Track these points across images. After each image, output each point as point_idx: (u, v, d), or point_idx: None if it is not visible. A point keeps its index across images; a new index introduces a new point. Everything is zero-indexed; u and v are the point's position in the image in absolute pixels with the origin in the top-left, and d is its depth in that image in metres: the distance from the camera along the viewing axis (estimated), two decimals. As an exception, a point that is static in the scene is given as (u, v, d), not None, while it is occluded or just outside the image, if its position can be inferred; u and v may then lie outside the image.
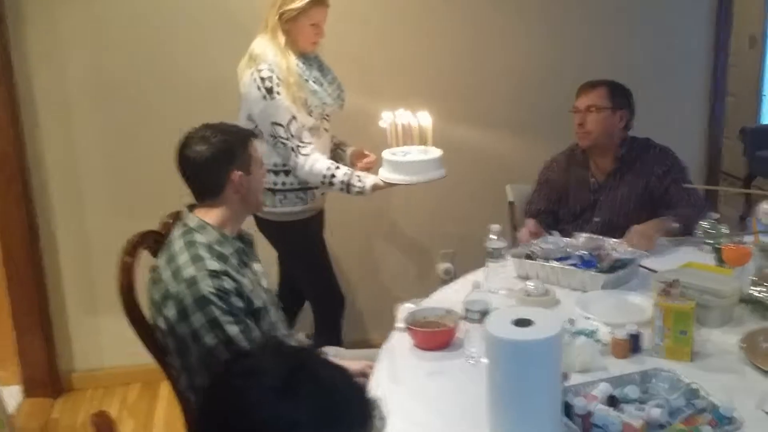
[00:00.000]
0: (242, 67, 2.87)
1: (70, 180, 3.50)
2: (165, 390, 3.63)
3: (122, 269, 2.10)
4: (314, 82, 2.89)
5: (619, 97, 3.00)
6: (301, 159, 2.80)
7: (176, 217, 2.29)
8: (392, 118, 2.79)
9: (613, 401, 1.70)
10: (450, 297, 2.36)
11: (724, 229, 2.41)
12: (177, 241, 2.03)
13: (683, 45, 3.91)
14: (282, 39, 2.80)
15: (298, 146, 2.80)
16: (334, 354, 2.37)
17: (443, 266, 3.87)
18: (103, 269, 3.50)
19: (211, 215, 2.06)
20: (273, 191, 2.90)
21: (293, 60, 2.82)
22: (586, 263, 2.47)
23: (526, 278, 2.50)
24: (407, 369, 2.01)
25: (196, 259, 1.96)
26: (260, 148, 2.15)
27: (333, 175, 2.81)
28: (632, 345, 2.03)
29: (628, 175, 2.98)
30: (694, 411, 1.67)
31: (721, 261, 2.47)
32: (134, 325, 2.09)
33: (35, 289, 3.49)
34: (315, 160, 2.82)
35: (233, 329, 1.91)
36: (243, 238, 2.13)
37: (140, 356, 3.52)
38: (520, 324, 1.56)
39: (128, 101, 3.45)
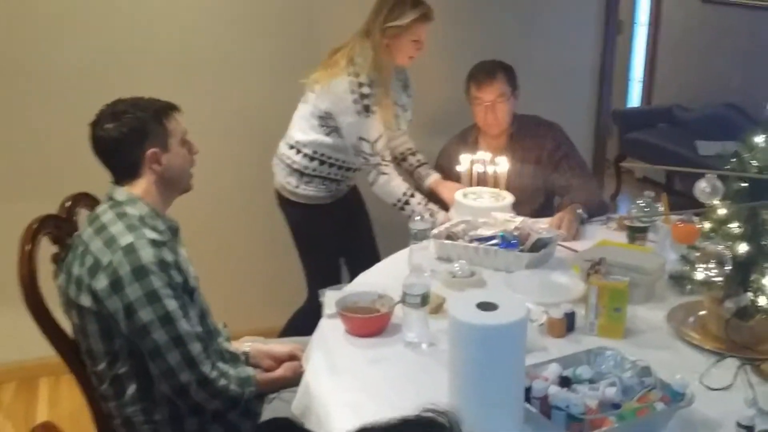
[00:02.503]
0: (338, 66, 2.78)
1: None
2: (45, 389, 3.37)
3: (22, 258, 1.88)
4: (400, 106, 2.96)
5: (513, 78, 3.04)
6: (382, 178, 2.85)
7: (76, 199, 2.11)
8: (470, 160, 2.83)
9: (565, 382, 1.67)
10: (376, 281, 2.27)
11: (660, 208, 2.45)
12: (106, 213, 1.85)
13: (574, 27, 3.98)
14: (384, 58, 2.77)
15: (380, 164, 2.84)
16: (252, 341, 2.25)
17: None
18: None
19: (137, 191, 1.90)
20: (301, 173, 2.90)
21: (392, 82, 2.86)
22: (508, 243, 2.45)
23: (448, 260, 2.46)
24: (344, 358, 1.91)
25: (133, 228, 1.80)
26: (181, 121, 1.97)
27: (407, 202, 2.87)
28: (567, 324, 2.02)
29: (519, 152, 3.01)
30: (645, 388, 1.67)
31: (634, 238, 2.53)
32: (37, 318, 1.88)
33: None
34: (393, 181, 2.87)
35: (172, 304, 1.77)
36: (170, 225, 1.95)
37: (14, 353, 3.32)
38: (484, 308, 1.50)
39: (17, 79, 3.15)
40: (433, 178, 3.05)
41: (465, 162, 2.84)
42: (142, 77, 3.19)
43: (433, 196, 3.00)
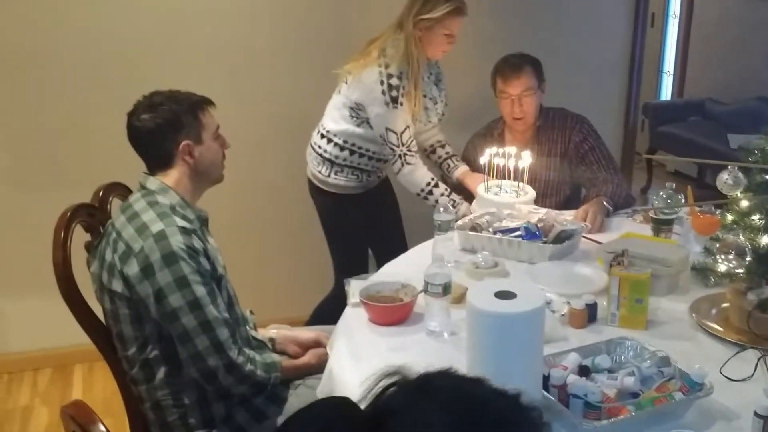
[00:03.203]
0: (369, 57, 2.82)
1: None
2: (79, 374, 3.46)
3: (56, 245, 1.94)
4: (430, 99, 2.96)
5: (540, 71, 3.04)
6: (406, 168, 2.88)
7: (109, 189, 2.17)
8: (491, 154, 2.84)
9: (584, 371, 1.69)
10: (400, 271, 2.31)
11: (682, 199, 2.46)
12: (138, 202, 1.92)
13: (603, 22, 3.97)
14: (415, 50, 2.79)
15: (406, 154, 2.86)
16: (278, 328, 2.30)
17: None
18: (2, 250, 3.29)
19: (169, 180, 1.96)
20: (332, 162, 2.94)
21: (422, 73, 2.86)
22: (532, 235, 2.47)
23: (472, 251, 2.49)
24: (367, 345, 1.95)
25: (164, 216, 1.86)
26: (215, 116, 2.02)
27: (431, 192, 2.90)
28: (589, 315, 2.04)
29: (546, 144, 3.03)
30: (664, 378, 1.68)
31: (659, 231, 2.53)
32: (71, 304, 1.94)
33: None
34: (417, 171, 2.89)
35: (200, 290, 1.82)
36: (199, 215, 2.01)
37: (50, 340, 3.42)
38: (502, 296, 1.53)
39: (52, 69, 3.22)
40: (461, 170, 3.07)
41: (487, 155, 2.85)
42: (175, 68, 3.26)
43: (461, 188, 3.02)
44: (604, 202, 2.77)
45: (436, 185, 2.90)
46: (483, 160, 2.86)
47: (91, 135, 3.27)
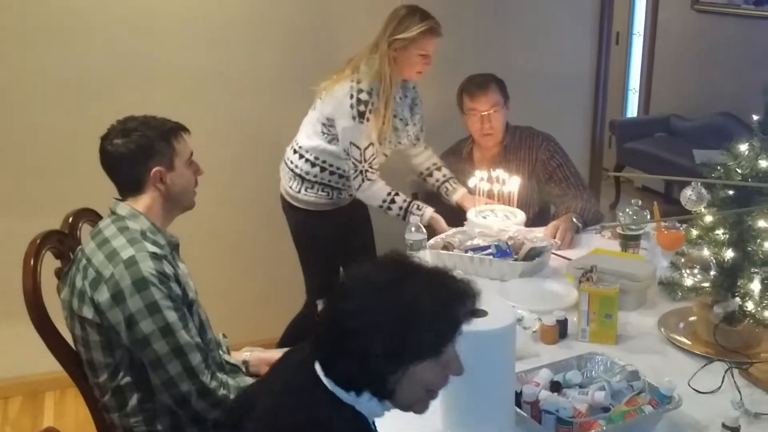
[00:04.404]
0: (344, 74, 2.86)
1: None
2: (51, 402, 3.42)
3: (26, 272, 1.92)
4: (400, 120, 2.99)
5: (504, 89, 3.08)
6: (365, 183, 2.88)
7: (79, 215, 2.16)
8: (481, 178, 2.87)
9: (556, 386, 1.72)
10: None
11: (648, 215, 2.50)
12: (108, 228, 1.90)
13: (568, 40, 4.03)
14: (389, 69, 2.82)
15: (367, 171, 2.87)
16: (252, 350, 2.28)
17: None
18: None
19: (139, 206, 1.95)
20: (302, 178, 2.97)
21: (394, 93, 2.89)
22: (502, 253, 2.50)
23: (444, 269, 2.50)
24: (341, 365, 1.95)
25: (134, 241, 1.85)
26: (189, 142, 2.03)
27: (393, 201, 2.90)
28: (560, 331, 2.07)
29: (513, 163, 3.06)
30: (634, 392, 1.71)
31: (626, 246, 2.57)
32: (42, 331, 1.92)
33: None
34: (376, 184, 2.90)
35: (172, 315, 1.81)
36: (169, 241, 2.00)
37: (20, 367, 3.37)
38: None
39: (20, 94, 3.20)
40: (459, 193, 3.06)
41: (475, 179, 2.88)
42: (150, 92, 3.25)
43: (460, 211, 3.01)
44: (574, 219, 2.81)
45: (397, 194, 2.91)
46: (471, 183, 2.89)
47: (60, 161, 3.25)
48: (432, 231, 2.83)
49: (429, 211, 2.89)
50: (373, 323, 1.23)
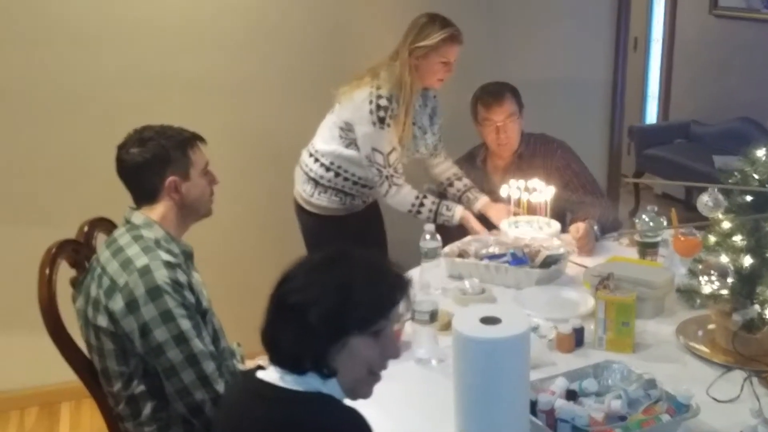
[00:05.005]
0: (364, 80, 2.86)
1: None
2: (66, 412, 3.43)
3: (41, 281, 1.93)
4: (419, 128, 2.99)
5: (519, 98, 3.07)
6: (393, 189, 2.89)
7: (94, 224, 2.17)
8: (513, 188, 2.88)
9: (572, 395, 1.70)
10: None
11: (664, 222, 2.47)
12: (123, 236, 1.91)
13: (585, 45, 4.01)
14: (409, 77, 2.82)
15: (392, 176, 2.87)
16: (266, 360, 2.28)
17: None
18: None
19: (154, 215, 1.96)
20: (316, 182, 2.98)
21: (414, 101, 2.89)
22: (518, 260, 2.48)
23: (459, 277, 2.49)
24: (354, 374, 1.94)
25: (148, 250, 1.86)
26: (205, 152, 2.04)
27: (421, 204, 2.91)
28: (576, 339, 2.05)
29: (528, 171, 3.03)
30: (651, 401, 1.69)
31: (644, 254, 2.55)
32: (57, 340, 1.93)
33: None
34: (403, 189, 2.91)
35: (186, 324, 1.81)
36: (184, 250, 2.00)
37: (36, 378, 3.39)
38: (488, 322, 1.53)
39: (36, 103, 3.22)
40: (482, 201, 3.02)
41: (508, 189, 2.87)
42: (164, 100, 3.26)
43: (483, 219, 2.98)
44: (594, 226, 2.78)
45: (425, 197, 2.91)
46: (504, 193, 2.89)
47: (76, 170, 3.27)
48: (463, 231, 2.85)
49: (459, 209, 2.89)
50: (312, 296, 1.34)
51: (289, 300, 1.37)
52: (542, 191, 2.83)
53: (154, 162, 1.93)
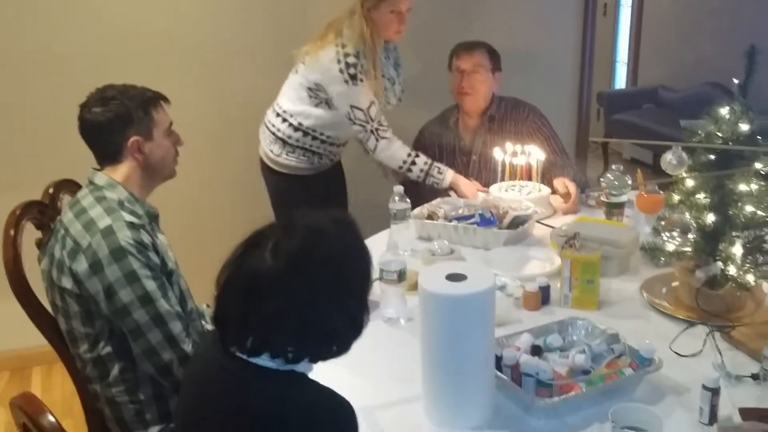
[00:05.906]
0: (326, 38, 2.83)
1: None
2: (38, 377, 3.41)
3: (6, 243, 1.91)
4: (388, 79, 2.99)
5: (495, 58, 3.07)
6: (382, 142, 2.86)
7: (59, 185, 2.14)
8: (506, 153, 2.87)
9: (536, 350, 1.72)
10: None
11: (629, 180, 2.50)
12: (85, 198, 1.89)
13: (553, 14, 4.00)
14: (368, 29, 2.80)
15: (377, 129, 2.85)
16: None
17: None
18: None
19: (117, 176, 1.93)
20: (284, 142, 2.98)
21: (379, 54, 2.87)
22: (486, 221, 2.50)
23: (428, 239, 2.50)
24: (323, 333, 1.95)
25: (111, 210, 1.84)
26: (166, 113, 2.01)
27: (413, 162, 2.88)
28: (542, 297, 2.07)
29: (499, 134, 3.04)
30: (614, 355, 1.72)
31: (610, 214, 2.58)
32: (23, 302, 1.92)
33: None
34: (394, 143, 2.88)
35: (151, 284, 1.80)
36: (148, 211, 1.99)
37: (6, 342, 3.36)
38: (453, 279, 1.54)
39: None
40: (450, 174, 2.92)
41: (501, 154, 2.87)
42: (130, 65, 3.21)
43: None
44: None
45: (417, 155, 2.90)
46: (498, 157, 2.88)
47: (41, 130, 3.22)
48: (434, 193, 2.86)
49: (450, 173, 2.89)
50: None
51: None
52: (532, 155, 2.84)
53: (116, 121, 1.90)
